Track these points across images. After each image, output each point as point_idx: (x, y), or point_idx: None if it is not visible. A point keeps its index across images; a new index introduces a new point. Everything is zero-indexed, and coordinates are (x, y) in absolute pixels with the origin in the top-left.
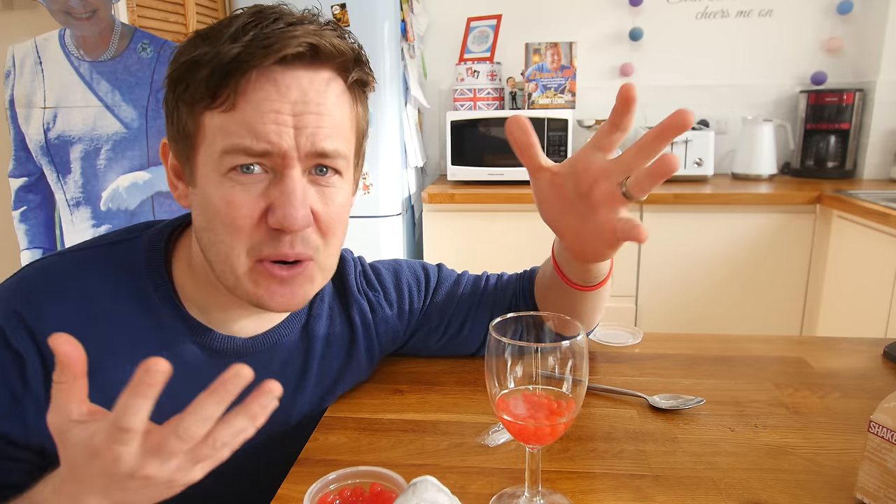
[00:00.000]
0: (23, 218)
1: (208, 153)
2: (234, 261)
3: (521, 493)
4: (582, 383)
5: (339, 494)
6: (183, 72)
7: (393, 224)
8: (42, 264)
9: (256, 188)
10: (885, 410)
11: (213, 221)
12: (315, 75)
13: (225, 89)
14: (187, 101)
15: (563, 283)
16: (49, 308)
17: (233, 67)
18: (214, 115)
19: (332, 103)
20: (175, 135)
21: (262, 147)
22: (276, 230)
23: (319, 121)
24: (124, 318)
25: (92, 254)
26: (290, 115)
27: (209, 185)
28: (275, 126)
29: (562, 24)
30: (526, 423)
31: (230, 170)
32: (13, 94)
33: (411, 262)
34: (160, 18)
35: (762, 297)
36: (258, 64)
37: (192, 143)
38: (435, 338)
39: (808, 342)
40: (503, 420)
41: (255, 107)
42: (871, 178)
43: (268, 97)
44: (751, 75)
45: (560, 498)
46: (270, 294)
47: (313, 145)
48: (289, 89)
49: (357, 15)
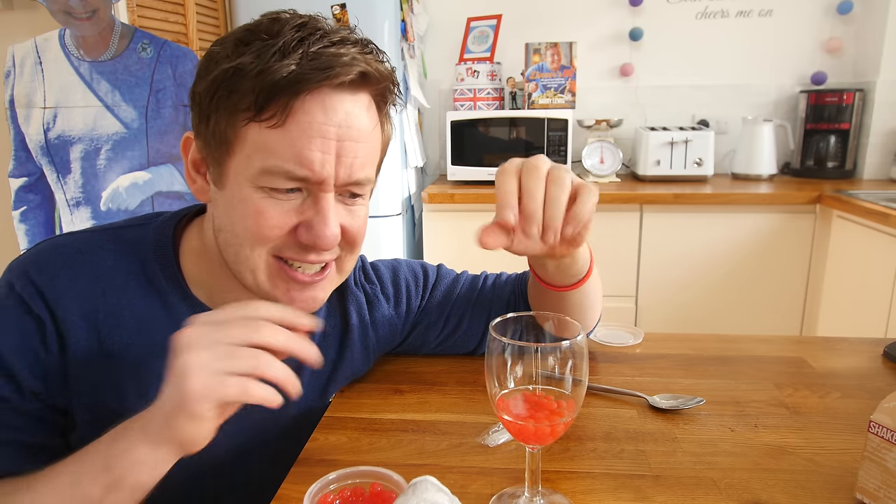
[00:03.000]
0: (23, 218)
1: (245, 164)
2: (255, 261)
3: (521, 492)
4: (582, 383)
5: (339, 494)
6: (226, 77)
7: (393, 224)
8: (54, 241)
9: (290, 205)
10: (885, 410)
11: (237, 226)
12: (356, 99)
13: (274, 106)
14: (229, 108)
15: (539, 286)
16: (63, 278)
17: (285, 86)
18: (259, 128)
19: (368, 130)
20: (208, 137)
21: (304, 174)
22: (305, 244)
23: (357, 150)
24: (134, 296)
25: (102, 236)
26: (335, 140)
27: (240, 191)
28: (319, 154)
29: (562, 24)
30: (526, 424)
31: (272, 188)
32: (13, 94)
33: (410, 261)
34: (160, 18)
35: (762, 297)
36: (313, 87)
37: (229, 149)
38: (433, 335)
39: (808, 342)
40: (503, 420)
41: (303, 129)
42: (871, 178)
43: (315, 119)
44: (751, 75)
45: (560, 498)
46: (290, 298)
47: (350, 176)
48: (336, 113)
49: (357, 15)
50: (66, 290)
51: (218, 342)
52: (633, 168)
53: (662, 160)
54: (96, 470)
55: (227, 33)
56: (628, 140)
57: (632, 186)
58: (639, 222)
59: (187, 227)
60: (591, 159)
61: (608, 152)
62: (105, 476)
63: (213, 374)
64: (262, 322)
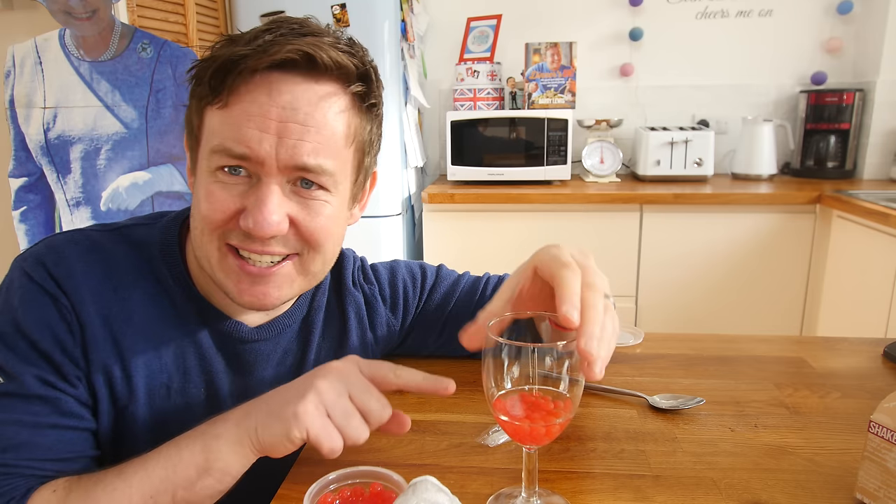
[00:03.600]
0: (23, 218)
1: (205, 148)
2: (209, 248)
3: (519, 493)
4: (579, 383)
5: (339, 494)
6: (199, 69)
7: (393, 224)
8: (66, 236)
9: (236, 189)
10: (885, 410)
11: (195, 211)
12: (312, 87)
13: (223, 87)
14: (196, 96)
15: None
16: (78, 272)
17: (231, 66)
18: (213, 111)
19: (324, 117)
20: (187, 128)
21: (241, 150)
22: (246, 231)
23: (304, 133)
24: (144, 295)
25: (111, 234)
26: (276, 120)
27: (201, 177)
28: (256, 132)
29: (562, 24)
30: (522, 424)
31: (217, 168)
32: (13, 94)
33: (410, 262)
34: (160, 18)
35: (762, 297)
36: (254, 66)
37: (196, 136)
38: (432, 338)
39: (808, 342)
40: (499, 420)
41: (244, 108)
42: (871, 178)
43: (256, 100)
44: (751, 75)
45: (558, 499)
46: (240, 290)
47: (292, 158)
48: (280, 94)
49: (357, 15)
50: (81, 284)
51: (343, 395)
52: (633, 168)
53: (662, 160)
54: (195, 453)
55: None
56: (628, 140)
57: (632, 186)
58: (639, 222)
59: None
60: (591, 159)
61: (608, 152)
62: (201, 458)
63: (325, 420)
64: (384, 405)
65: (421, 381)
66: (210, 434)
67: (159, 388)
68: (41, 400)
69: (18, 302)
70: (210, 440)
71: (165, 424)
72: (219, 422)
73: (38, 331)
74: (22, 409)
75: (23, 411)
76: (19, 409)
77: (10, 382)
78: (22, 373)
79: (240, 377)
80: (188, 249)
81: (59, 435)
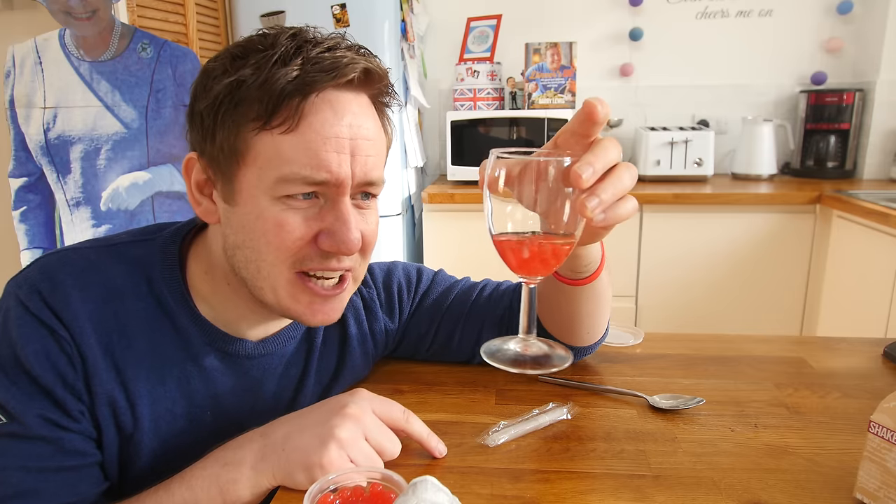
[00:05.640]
0: (23, 218)
1: (258, 176)
2: (276, 277)
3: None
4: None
5: (340, 494)
6: (229, 91)
7: (393, 224)
8: (59, 256)
9: (309, 213)
10: (885, 410)
11: (257, 241)
12: (356, 98)
13: (284, 111)
14: (235, 121)
15: (553, 280)
16: (75, 299)
17: (293, 90)
18: (272, 136)
19: (374, 128)
20: (215, 153)
21: (323, 177)
22: (327, 252)
23: (369, 148)
24: (144, 317)
25: (108, 252)
26: (348, 138)
27: (256, 206)
28: (335, 154)
29: (562, 24)
30: (523, 241)
31: (288, 196)
32: (13, 94)
33: (407, 264)
34: (160, 18)
35: (762, 297)
36: (319, 87)
37: (239, 163)
38: (425, 345)
39: (808, 342)
40: (501, 245)
41: (316, 131)
42: (871, 178)
43: (327, 120)
44: (751, 75)
45: (561, 350)
46: (313, 312)
47: (365, 175)
48: (344, 112)
49: (357, 15)
50: (80, 313)
51: (361, 439)
52: None
53: (662, 160)
54: (213, 497)
55: (219, 52)
56: (628, 140)
57: None
58: (639, 222)
59: (193, 242)
60: None
61: None
62: (216, 484)
63: (344, 460)
64: (395, 443)
65: (425, 436)
66: (226, 479)
67: (164, 414)
68: (45, 441)
69: (17, 335)
70: (227, 485)
71: (171, 450)
72: (231, 465)
73: (38, 365)
74: (26, 452)
75: (27, 455)
76: (24, 453)
77: (12, 423)
78: (24, 413)
79: (247, 394)
80: (190, 268)
81: (65, 478)
